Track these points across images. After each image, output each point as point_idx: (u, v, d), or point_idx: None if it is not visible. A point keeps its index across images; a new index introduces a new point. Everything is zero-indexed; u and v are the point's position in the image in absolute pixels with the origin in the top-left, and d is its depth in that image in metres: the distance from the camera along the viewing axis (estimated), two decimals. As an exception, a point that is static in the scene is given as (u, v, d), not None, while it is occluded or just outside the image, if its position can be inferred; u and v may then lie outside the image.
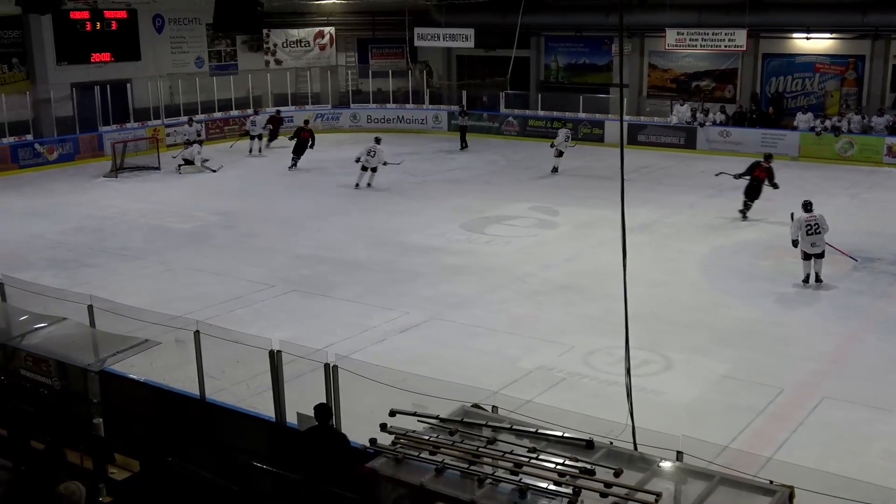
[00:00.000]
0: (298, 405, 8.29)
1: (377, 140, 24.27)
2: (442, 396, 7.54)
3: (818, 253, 15.14)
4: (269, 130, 29.61)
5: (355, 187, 23.73)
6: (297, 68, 35.08)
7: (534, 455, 6.57)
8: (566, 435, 6.86)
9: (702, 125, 29.27)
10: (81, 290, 11.77)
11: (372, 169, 23.71)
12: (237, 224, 20.28)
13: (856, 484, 6.40)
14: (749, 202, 19.87)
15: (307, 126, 27.52)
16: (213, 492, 7.64)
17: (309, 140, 26.62)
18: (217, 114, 32.01)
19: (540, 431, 6.94)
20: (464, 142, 30.06)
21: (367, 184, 23.77)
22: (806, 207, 15.44)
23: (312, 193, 23.41)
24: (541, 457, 6.54)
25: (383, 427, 7.20)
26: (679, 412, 10.57)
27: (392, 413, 7.35)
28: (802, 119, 28.32)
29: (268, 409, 8.82)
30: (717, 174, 21.30)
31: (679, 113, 29.90)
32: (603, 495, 6.06)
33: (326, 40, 35.60)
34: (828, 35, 29.10)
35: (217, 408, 9.37)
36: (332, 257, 17.45)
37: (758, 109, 29.94)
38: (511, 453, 6.60)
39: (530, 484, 6.27)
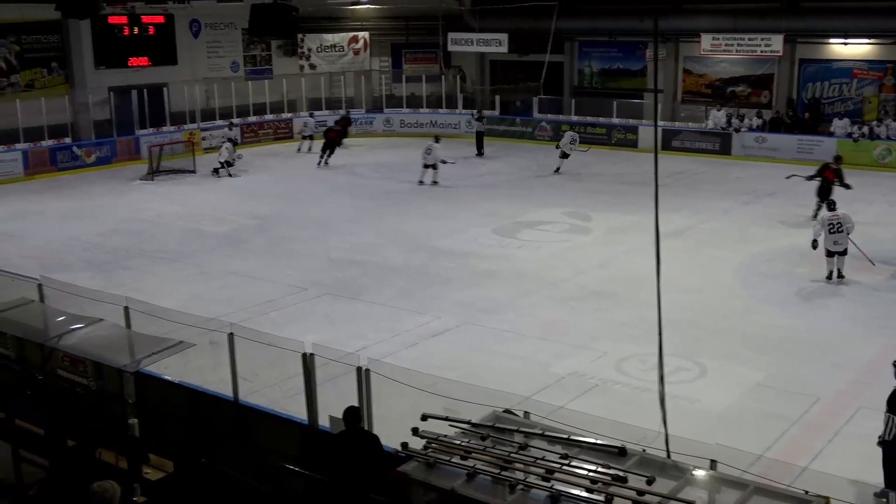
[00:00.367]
0: (331, 408, 8.33)
1: (436, 139, 25.42)
2: (473, 401, 7.54)
3: (840, 251, 15.53)
4: (337, 132, 29.40)
5: (419, 184, 24.68)
6: (332, 73, 35.28)
7: (566, 461, 6.54)
8: (598, 442, 6.83)
9: (737, 131, 29.03)
10: (118, 292, 11.90)
11: (432, 166, 24.54)
12: (271, 227, 20.42)
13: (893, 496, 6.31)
14: (821, 203, 19.88)
15: (337, 126, 28.55)
16: (246, 493, 7.70)
17: (336, 140, 27.87)
18: (252, 118, 32.27)
19: (572, 438, 6.91)
20: (480, 148, 29.94)
21: (433, 181, 24.65)
22: (829, 206, 16.01)
23: (345, 197, 23.51)
24: (573, 463, 6.52)
25: (415, 431, 7.21)
26: (713, 420, 10.48)
27: (424, 417, 7.36)
28: (839, 125, 28.01)
29: (300, 412, 8.87)
30: (788, 177, 21.29)
31: (715, 118, 29.66)
32: (635, 503, 6.02)
33: (360, 45, 35.78)
34: (865, 40, 28.74)
35: (250, 410, 9.43)
36: (365, 261, 17.51)
37: (794, 115, 29.64)
38: (543, 459, 6.58)
39: (562, 490, 6.25)
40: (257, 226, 20.55)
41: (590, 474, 6.32)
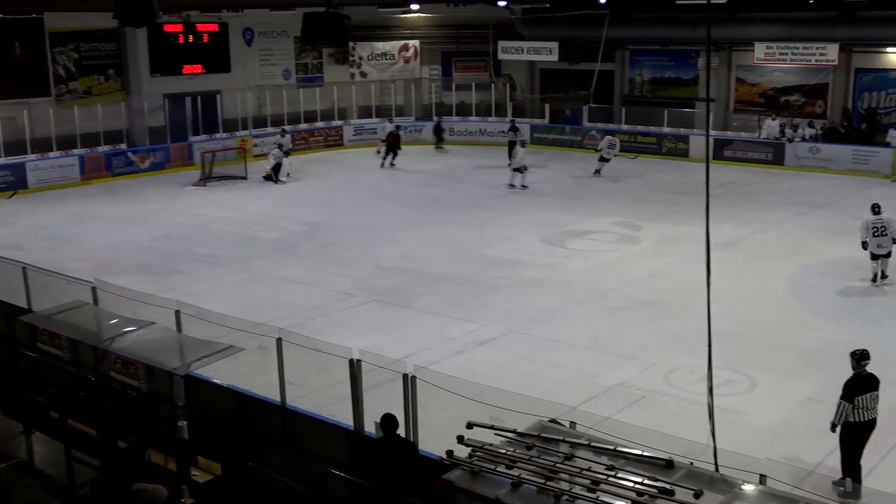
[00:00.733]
0: (377, 414, 8.35)
1: (522, 144, 26.46)
2: (519, 410, 7.51)
3: (884, 253, 15.76)
4: (388, 145, 29.48)
5: (509, 187, 25.12)
6: (382, 81, 35.46)
7: (612, 473, 6.50)
8: (645, 453, 6.77)
9: (790, 141, 28.59)
10: (170, 296, 12.11)
11: (520, 170, 25.02)
12: (320, 234, 20.58)
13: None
14: None
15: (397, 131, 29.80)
16: (292, 498, 7.75)
17: (396, 143, 28.90)
18: (303, 125, 32.57)
19: (618, 449, 6.86)
20: (511, 158, 29.64)
21: (522, 185, 25.06)
22: (874, 210, 16.03)
23: (394, 204, 23.62)
24: (619, 475, 6.47)
25: (460, 439, 7.21)
26: (763, 434, 10.32)
27: (469, 425, 7.35)
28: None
29: (346, 418, 8.91)
30: None
31: (769, 128, 29.24)
32: (682, 516, 5.96)
33: (411, 53, 35.95)
34: (924, 49, 28.20)
35: (297, 414, 9.50)
36: (413, 268, 17.56)
37: (849, 125, 29.12)
38: (589, 470, 6.54)
39: (608, 502, 6.20)
40: (307, 232, 20.73)
41: (636, 486, 6.27)
